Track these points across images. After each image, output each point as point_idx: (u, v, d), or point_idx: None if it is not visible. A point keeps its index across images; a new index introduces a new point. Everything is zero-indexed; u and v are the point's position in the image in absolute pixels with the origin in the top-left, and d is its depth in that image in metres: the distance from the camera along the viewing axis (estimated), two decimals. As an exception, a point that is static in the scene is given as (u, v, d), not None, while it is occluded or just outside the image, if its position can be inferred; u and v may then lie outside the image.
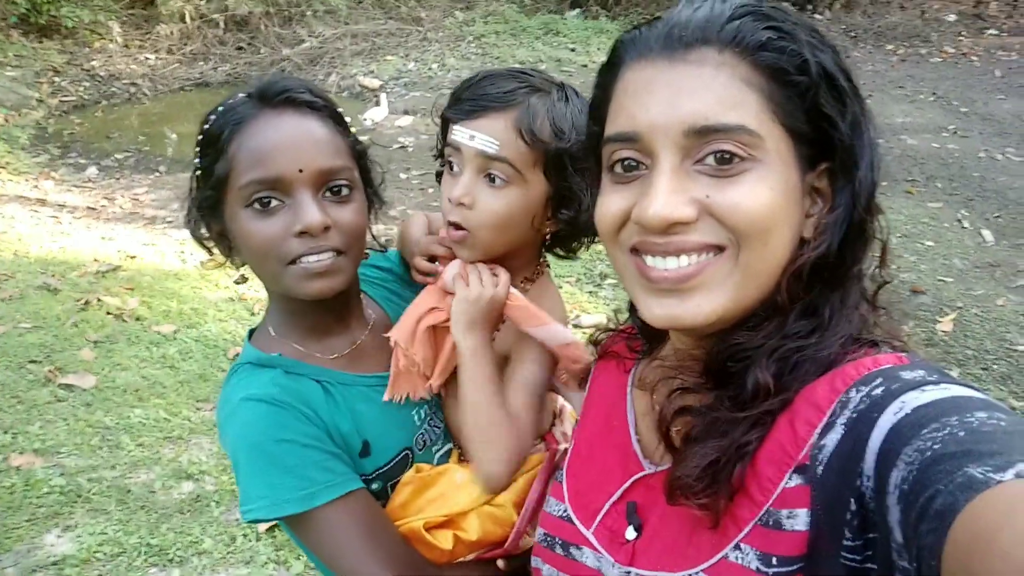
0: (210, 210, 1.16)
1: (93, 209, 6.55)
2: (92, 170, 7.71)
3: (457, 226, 1.15)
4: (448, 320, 1.20)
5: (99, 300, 4.57)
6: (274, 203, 1.11)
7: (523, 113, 1.11)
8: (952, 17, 11.82)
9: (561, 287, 2.35)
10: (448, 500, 1.23)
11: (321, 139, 1.14)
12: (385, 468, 1.23)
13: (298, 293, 1.15)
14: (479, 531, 1.22)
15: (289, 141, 1.11)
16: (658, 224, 0.76)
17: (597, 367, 1.10)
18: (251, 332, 1.30)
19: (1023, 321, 4.32)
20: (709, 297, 0.78)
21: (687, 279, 0.78)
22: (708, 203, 0.76)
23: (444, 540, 1.21)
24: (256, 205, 1.11)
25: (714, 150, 0.75)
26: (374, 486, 1.21)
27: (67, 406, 3.59)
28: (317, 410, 1.16)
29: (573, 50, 10.92)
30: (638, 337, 1.05)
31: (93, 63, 10.36)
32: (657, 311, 0.80)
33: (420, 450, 1.27)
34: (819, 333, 0.78)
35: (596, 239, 1.06)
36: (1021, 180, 6.44)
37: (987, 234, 5.46)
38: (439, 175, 1.25)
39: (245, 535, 2.83)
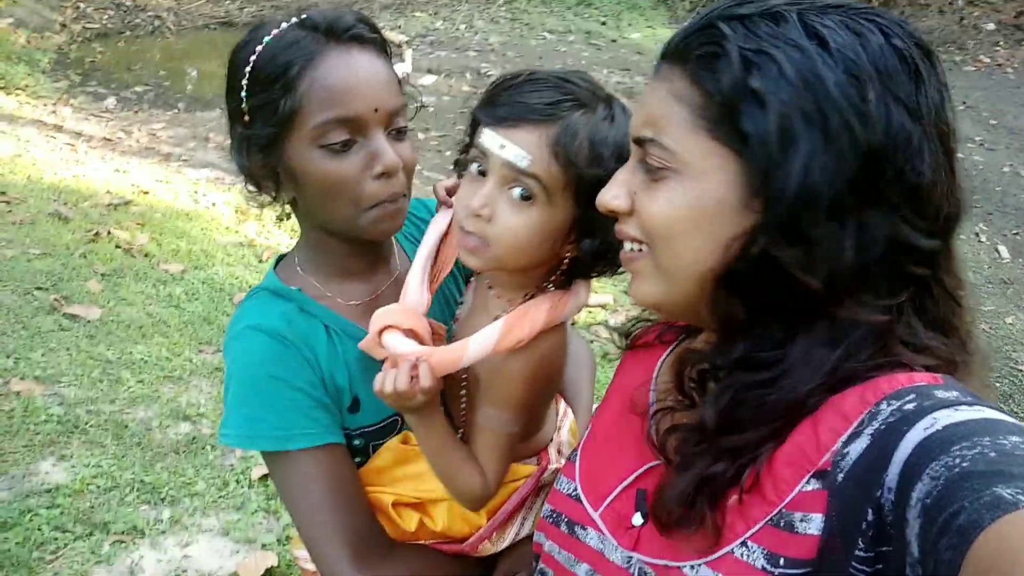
0: (265, 147, 1.12)
1: (109, 140, 6.53)
2: (111, 100, 7.68)
3: (471, 234, 1.05)
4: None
5: (109, 233, 4.56)
6: (349, 142, 1.09)
7: (562, 131, 0.99)
8: (991, 26, 11.62)
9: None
10: (424, 482, 1.20)
11: (388, 77, 1.13)
12: (370, 428, 1.22)
13: (370, 233, 1.15)
14: (445, 523, 1.21)
15: (364, 80, 1.09)
16: (602, 208, 0.87)
17: (626, 356, 1.10)
18: (278, 260, 1.29)
19: (1030, 341, 4.30)
20: (645, 284, 0.86)
21: (628, 263, 0.88)
22: (635, 203, 0.84)
23: (409, 521, 1.20)
24: (335, 145, 1.08)
25: (643, 159, 0.82)
26: (356, 442, 1.21)
27: (70, 336, 3.59)
28: (318, 356, 1.16)
29: (604, 23, 10.79)
30: (673, 329, 1.05)
31: (119, -9, 10.27)
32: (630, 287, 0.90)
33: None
34: (777, 368, 0.77)
35: (620, 270, 1.00)
36: (1043, 199, 6.38)
37: (1003, 250, 5.42)
38: (458, 165, 1.15)
39: (238, 481, 2.85)
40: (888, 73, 0.71)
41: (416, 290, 1.17)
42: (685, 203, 0.78)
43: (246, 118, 1.12)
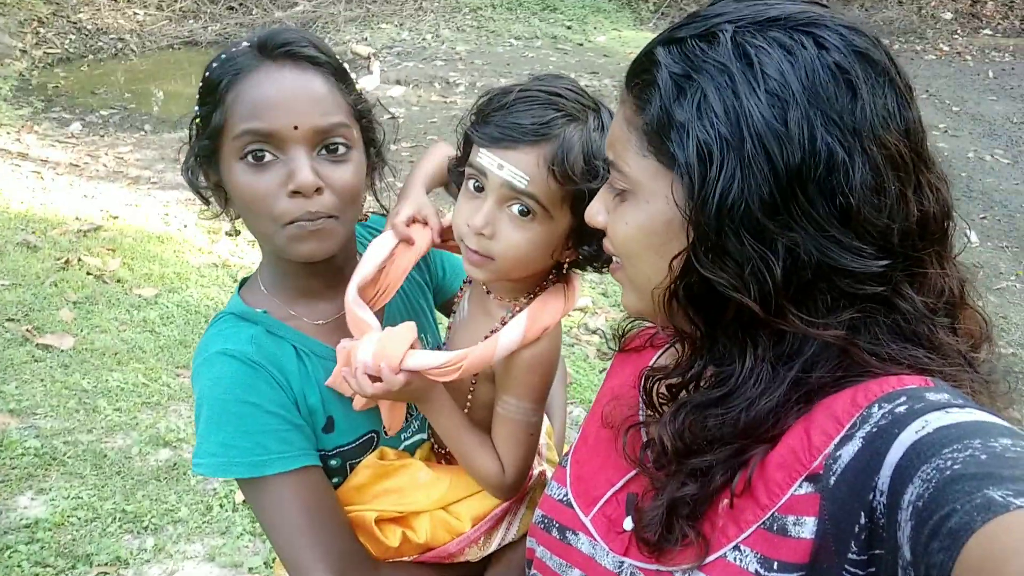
0: (206, 159, 1.15)
1: (76, 166, 6.43)
2: (76, 126, 7.57)
3: (475, 251, 1.09)
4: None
5: (79, 260, 4.49)
6: (268, 157, 1.08)
7: (557, 148, 1.01)
8: (948, 15, 11.82)
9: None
10: (405, 496, 1.21)
11: (320, 96, 1.11)
12: (346, 447, 1.22)
13: (289, 254, 1.13)
14: (429, 535, 1.21)
15: (286, 96, 1.09)
16: (590, 223, 0.92)
17: (617, 359, 1.11)
18: (242, 281, 1.28)
19: (1003, 324, 4.36)
20: (627, 294, 0.91)
21: (613, 274, 0.93)
22: (607, 222, 0.88)
23: (392, 537, 1.20)
24: (249, 158, 1.08)
25: (613, 179, 0.85)
26: (332, 462, 1.21)
27: (44, 367, 3.54)
28: (289, 377, 1.16)
29: (569, 28, 10.83)
30: (661, 333, 1.06)
31: (80, 15, 10.14)
32: None
33: (388, 434, 1.26)
34: (725, 386, 0.79)
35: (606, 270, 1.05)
36: (1008, 182, 6.48)
37: (972, 235, 5.50)
38: (451, 173, 1.19)
39: (222, 505, 2.82)
40: (815, 91, 0.70)
41: (367, 312, 1.16)
42: (638, 223, 0.81)
43: (196, 131, 1.16)
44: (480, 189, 1.07)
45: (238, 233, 1.23)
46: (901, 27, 11.49)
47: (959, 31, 11.33)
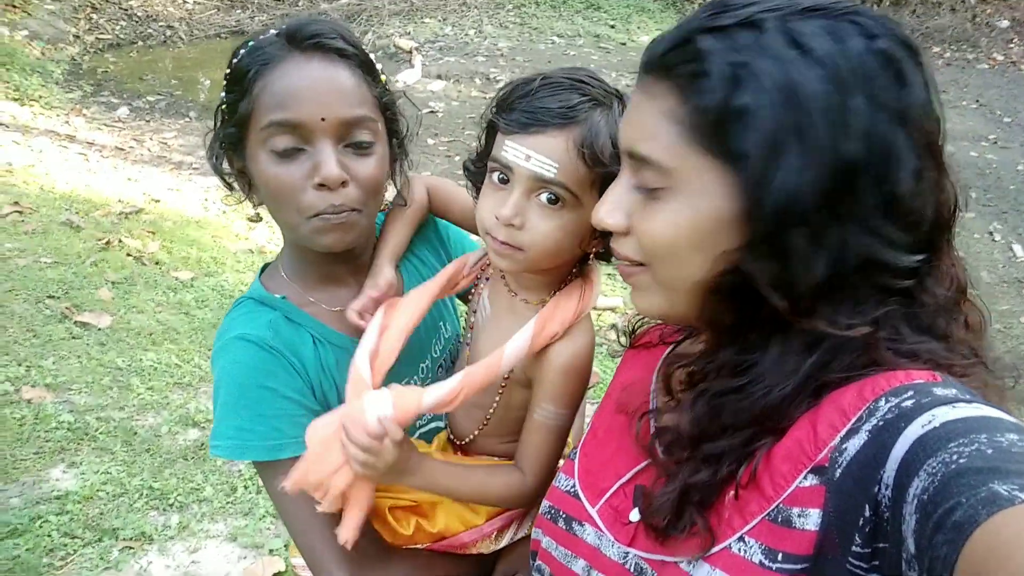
0: (232, 147, 1.15)
1: (121, 149, 6.58)
2: (123, 110, 7.74)
3: (504, 243, 1.07)
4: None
5: (120, 241, 4.59)
6: (294, 148, 1.09)
7: (585, 132, 1.00)
8: (1004, 23, 11.52)
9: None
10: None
11: (347, 88, 1.11)
12: None
13: (312, 244, 1.15)
14: (443, 525, 1.20)
15: (314, 88, 1.09)
16: (598, 226, 0.87)
17: (627, 355, 1.10)
18: (264, 267, 1.29)
19: (1045, 340, 4.25)
20: (646, 297, 0.86)
21: (627, 279, 0.88)
22: (632, 223, 0.83)
23: (406, 525, 1.20)
24: (276, 148, 1.09)
25: (640, 176, 0.81)
26: None
27: (81, 344, 3.62)
28: (305, 363, 1.16)
29: (613, 27, 10.79)
30: (675, 328, 1.05)
31: (131, 2, 10.36)
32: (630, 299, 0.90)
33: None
34: (749, 373, 0.78)
35: None
36: (1058, 197, 6.31)
37: (1018, 249, 5.36)
38: (468, 169, 1.16)
39: (246, 486, 2.86)
40: (871, 78, 0.69)
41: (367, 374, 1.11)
42: (683, 221, 0.77)
43: (222, 118, 1.16)
44: (505, 181, 1.05)
45: (260, 219, 1.24)
46: (953, 35, 11.24)
47: (1015, 40, 11.04)
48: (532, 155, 1.00)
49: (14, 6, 9.07)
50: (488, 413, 1.21)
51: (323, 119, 1.08)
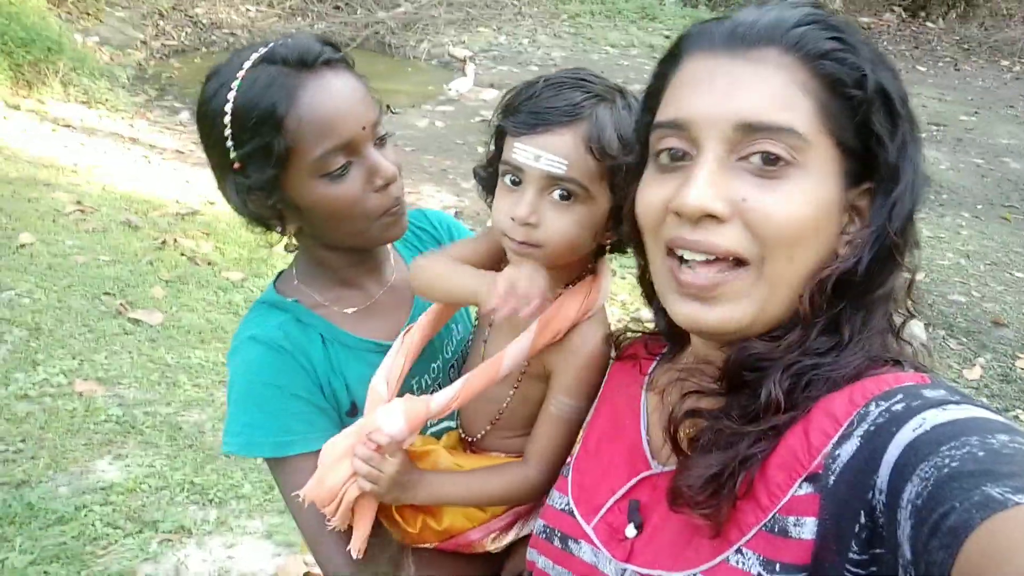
0: (265, 188, 1.13)
1: (181, 152, 6.77)
2: (185, 114, 7.96)
3: (523, 242, 1.09)
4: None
5: (175, 241, 4.73)
6: (347, 165, 1.13)
7: (591, 127, 1.03)
8: (1078, 37, 11.10)
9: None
10: None
11: (363, 93, 1.16)
12: None
13: (381, 241, 1.21)
14: (449, 522, 1.21)
15: (347, 103, 1.12)
16: (692, 212, 0.75)
17: (614, 367, 1.10)
18: (279, 274, 1.33)
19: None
20: (732, 307, 0.78)
21: (713, 288, 0.78)
22: (743, 207, 0.75)
23: (413, 523, 1.21)
24: (333, 172, 1.11)
25: (760, 150, 0.75)
26: None
27: (133, 340, 3.73)
28: (314, 363, 1.19)
29: (667, 37, 10.66)
30: (659, 340, 1.05)
31: (197, 10, 10.67)
32: (684, 310, 0.81)
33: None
34: (836, 352, 0.77)
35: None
36: None
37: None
38: (479, 176, 1.18)
39: (283, 485, 2.91)
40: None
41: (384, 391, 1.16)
42: (813, 203, 0.75)
43: (236, 166, 1.12)
44: (517, 182, 1.07)
45: (297, 248, 1.26)
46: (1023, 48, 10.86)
47: (1088, 54, 10.64)
48: (542, 154, 1.03)
49: (87, 13, 9.43)
50: (502, 407, 1.22)
51: (364, 128, 1.13)
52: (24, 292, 3.90)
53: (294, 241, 1.25)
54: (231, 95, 1.09)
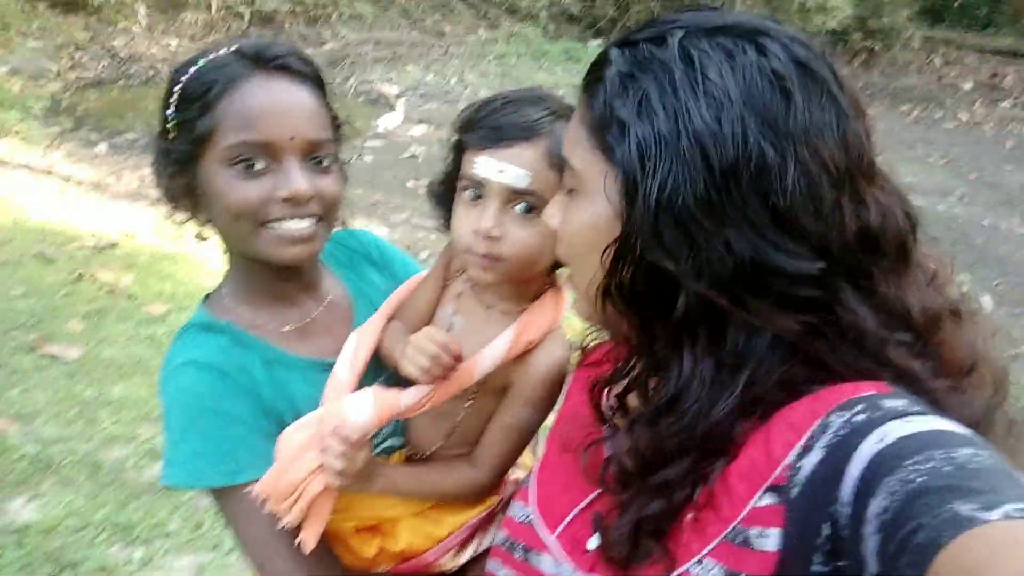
0: (181, 164, 1.13)
1: (99, 185, 6.55)
2: (102, 146, 7.72)
3: (486, 256, 1.10)
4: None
5: (93, 275, 4.54)
6: (259, 166, 1.10)
7: (552, 142, 1.05)
8: (968, 85, 11.95)
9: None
10: (380, 502, 1.19)
11: (312, 110, 1.14)
12: None
13: (271, 257, 1.13)
14: (406, 542, 1.19)
15: (282, 108, 1.11)
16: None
17: (577, 374, 1.09)
18: (206, 297, 1.27)
19: (1015, 392, 4.31)
20: (576, 298, 0.90)
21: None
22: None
23: (368, 547, 1.18)
24: (240, 166, 1.09)
25: (565, 179, 0.86)
26: None
27: (49, 375, 3.55)
28: (258, 386, 1.15)
29: (592, 79, 11.01)
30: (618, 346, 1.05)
31: (115, 42, 10.40)
32: None
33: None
34: (667, 393, 0.78)
35: None
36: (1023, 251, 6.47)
37: (987, 300, 5.46)
38: (434, 193, 1.20)
39: (212, 522, 2.79)
40: (750, 94, 0.72)
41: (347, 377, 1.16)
42: (583, 221, 0.82)
43: (169, 134, 1.13)
44: (479, 197, 1.09)
45: (205, 239, 1.23)
46: (920, 94, 11.61)
47: (979, 101, 11.44)
48: (505, 167, 1.05)
49: (-4, 42, 9.10)
50: (456, 421, 1.21)
51: (292, 138, 1.10)
52: (-72, 327, 3.69)
53: (202, 233, 1.22)
54: (192, 69, 1.12)
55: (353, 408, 1.05)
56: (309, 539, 1.08)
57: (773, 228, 0.72)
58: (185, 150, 1.11)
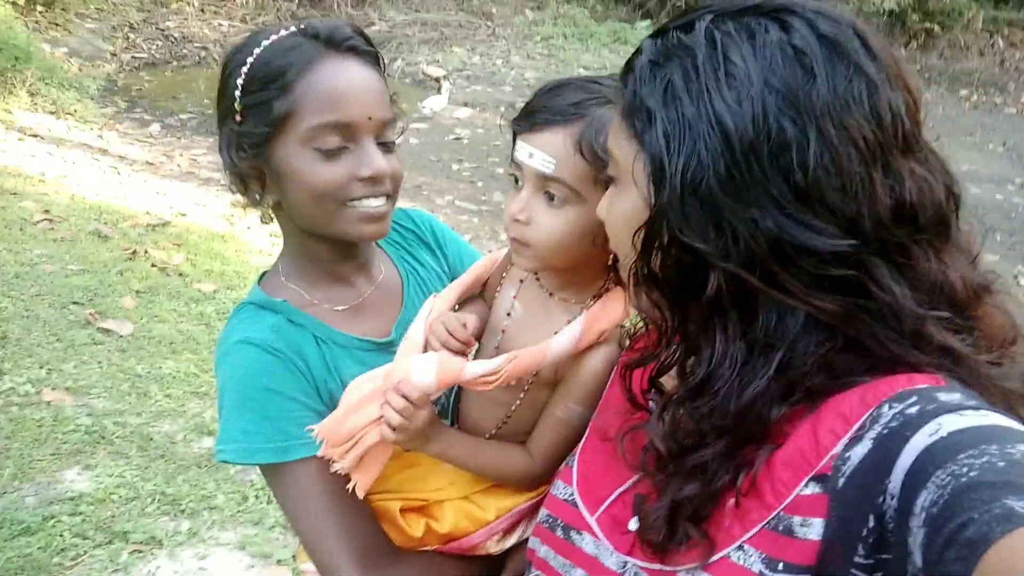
0: (255, 146, 1.14)
1: (151, 164, 6.71)
2: (155, 127, 7.90)
3: (515, 239, 1.12)
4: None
5: (146, 252, 4.66)
6: (338, 147, 1.12)
7: (586, 127, 1.03)
8: (1033, 69, 11.50)
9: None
10: (428, 482, 1.21)
11: (382, 89, 1.17)
12: None
13: (350, 235, 1.16)
14: (452, 524, 1.20)
15: (360, 89, 1.13)
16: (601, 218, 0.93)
17: (623, 359, 1.08)
18: (262, 275, 1.30)
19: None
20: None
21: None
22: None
23: (416, 527, 1.20)
24: (323, 148, 1.11)
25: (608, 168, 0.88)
26: None
27: (103, 349, 3.66)
28: (310, 364, 1.17)
29: (639, 61, 10.89)
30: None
31: (168, 23, 10.61)
32: None
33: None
34: (697, 375, 0.78)
35: None
36: (1085, 242, 6.25)
37: (1040, 291, 5.31)
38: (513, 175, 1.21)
39: (257, 496, 2.86)
40: (771, 72, 0.71)
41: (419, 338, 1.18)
42: (624, 208, 0.84)
43: (238, 117, 1.14)
44: (519, 182, 1.10)
45: (271, 220, 1.27)
46: (981, 79, 11.23)
47: (1043, 86, 11.02)
48: (534, 152, 1.05)
49: (56, 24, 9.33)
50: (510, 411, 1.21)
51: (369, 118, 1.12)
52: (-10, 301, 3.83)
53: (270, 212, 1.22)
54: (256, 50, 1.12)
55: (417, 368, 1.07)
56: (362, 484, 1.11)
57: (797, 205, 0.71)
58: (260, 132, 1.12)
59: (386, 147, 1.17)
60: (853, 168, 0.71)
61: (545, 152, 1.04)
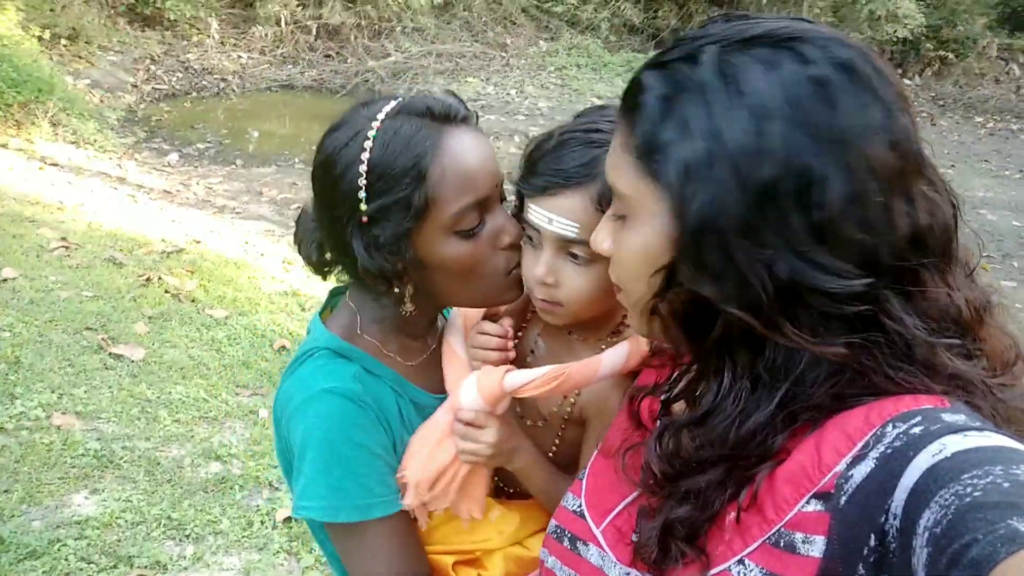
0: (395, 243, 1.06)
1: (168, 192, 6.81)
2: (173, 156, 8.03)
3: (544, 300, 1.11)
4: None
5: (160, 278, 4.71)
6: (480, 224, 1.09)
7: (602, 186, 0.99)
8: (1048, 96, 11.46)
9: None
10: (476, 535, 1.20)
11: (492, 151, 1.13)
12: None
13: (509, 301, 1.18)
14: (502, 570, 1.19)
15: (484, 159, 1.09)
16: (596, 250, 0.92)
17: (643, 374, 1.10)
18: (319, 315, 1.24)
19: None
20: (631, 316, 0.89)
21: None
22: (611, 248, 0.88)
23: None
24: (467, 229, 1.08)
25: (615, 205, 0.86)
26: None
27: (114, 375, 3.69)
28: (389, 417, 1.13)
29: (652, 90, 10.95)
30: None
31: (189, 56, 10.81)
32: None
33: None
34: (702, 406, 0.79)
35: None
36: (1104, 268, 6.17)
37: (1060, 319, 5.24)
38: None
39: (262, 522, 2.86)
40: (793, 104, 0.69)
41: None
42: (638, 245, 0.81)
43: (365, 219, 1.06)
44: (534, 241, 1.10)
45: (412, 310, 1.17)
46: (996, 106, 11.19)
47: (1059, 113, 10.97)
48: (553, 217, 1.04)
49: (80, 56, 9.53)
50: (551, 451, 1.22)
51: (496, 186, 1.11)
52: (5, 326, 3.86)
53: (409, 306, 1.15)
54: (368, 144, 1.05)
55: (463, 391, 1.10)
56: (475, 511, 1.15)
57: (814, 245, 0.70)
58: (401, 229, 1.05)
59: (503, 203, 1.16)
60: (871, 198, 0.70)
61: (567, 218, 1.03)
